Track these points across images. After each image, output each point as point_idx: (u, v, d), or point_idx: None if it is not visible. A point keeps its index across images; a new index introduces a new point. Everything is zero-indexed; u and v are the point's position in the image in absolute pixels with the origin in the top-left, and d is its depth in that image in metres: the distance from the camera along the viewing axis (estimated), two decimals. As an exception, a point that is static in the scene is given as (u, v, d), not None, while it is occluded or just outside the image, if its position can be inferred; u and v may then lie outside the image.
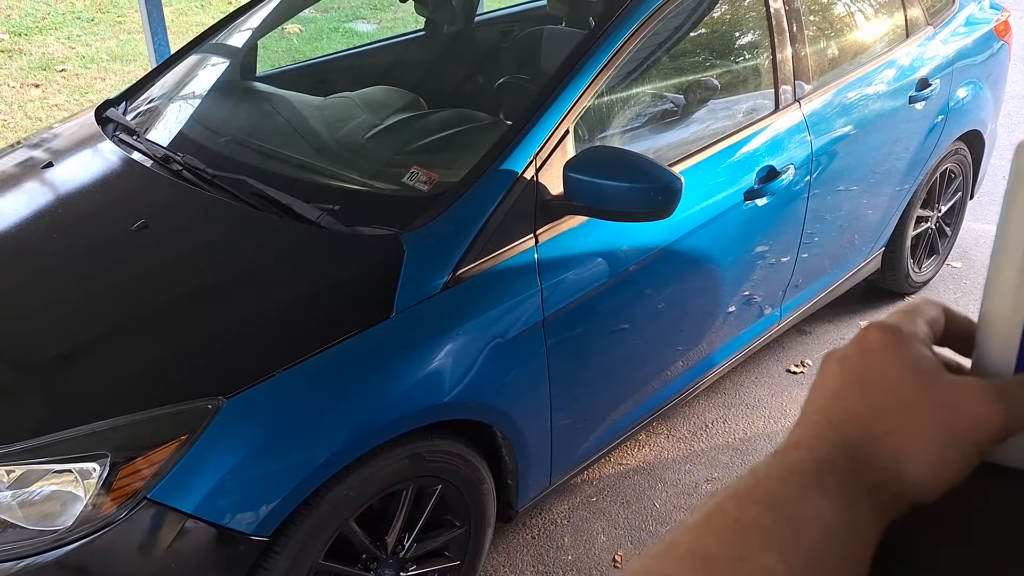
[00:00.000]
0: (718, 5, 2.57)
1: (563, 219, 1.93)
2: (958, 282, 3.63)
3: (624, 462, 2.63)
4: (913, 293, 3.49)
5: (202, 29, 2.92)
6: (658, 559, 0.35)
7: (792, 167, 2.45)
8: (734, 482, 0.38)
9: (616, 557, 2.31)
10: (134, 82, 2.76)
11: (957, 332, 0.47)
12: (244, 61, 2.81)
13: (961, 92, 3.18)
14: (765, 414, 2.84)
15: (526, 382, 1.92)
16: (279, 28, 3.10)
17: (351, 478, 1.65)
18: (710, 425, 2.79)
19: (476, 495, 1.95)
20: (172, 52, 3.16)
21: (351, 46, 3.47)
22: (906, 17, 3.01)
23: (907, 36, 3.01)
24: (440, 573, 2.00)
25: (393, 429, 1.69)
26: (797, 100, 2.53)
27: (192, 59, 2.75)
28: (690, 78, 2.46)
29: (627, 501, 2.48)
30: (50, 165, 2.30)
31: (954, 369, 0.44)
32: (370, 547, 1.80)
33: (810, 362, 3.11)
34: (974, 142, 3.43)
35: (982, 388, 0.40)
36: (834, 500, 0.36)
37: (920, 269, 3.49)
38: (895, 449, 0.39)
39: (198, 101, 2.64)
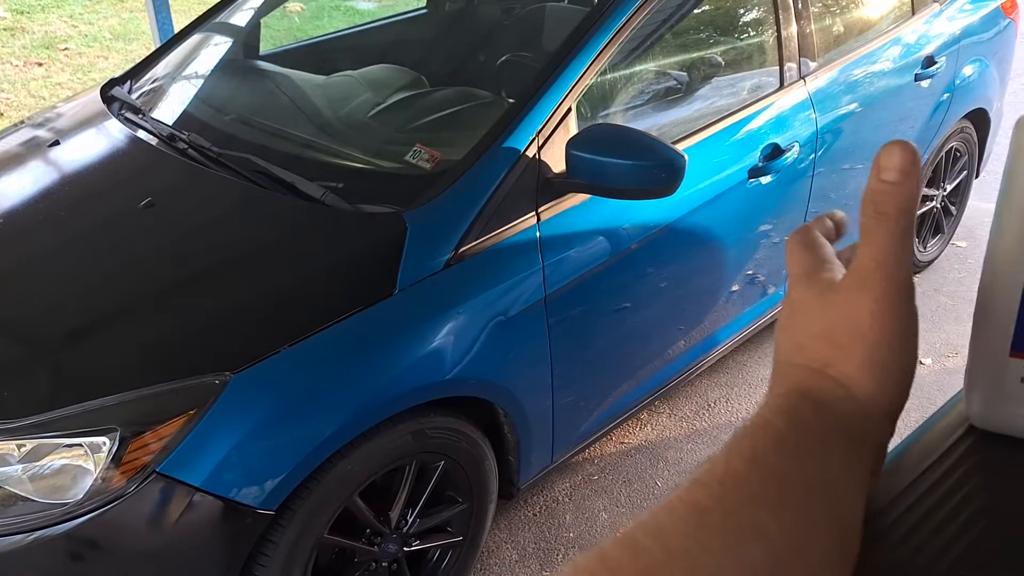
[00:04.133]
0: (723, -18, 2.55)
1: (565, 197, 1.93)
2: (963, 261, 3.62)
3: (626, 441, 2.64)
4: (918, 273, 3.49)
5: (205, 8, 2.91)
6: (654, 515, 0.36)
7: (797, 145, 2.45)
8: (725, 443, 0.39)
9: (618, 535, 2.33)
10: (138, 61, 2.76)
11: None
12: (247, 40, 2.80)
13: (967, 70, 3.16)
14: (767, 392, 2.85)
15: (528, 360, 1.94)
16: (281, 7, 3.09)
17: (355, 453, 1.67)
18: (712, 404, 2.80)
19: (478, 472, 1.97)
20: (175, 31, 3.15)
21: (353, 24, 3.46)
22: (912, -6, 2.99)
23: (913, 13, 2.98)
24: (443, 548, 2.03)
25: (396, 405, 1.71)
26: (802, 77, 2.52)
27: (196, 38, 2.75)
28: (694, 55, 2.45)
29: (629, 480, 2.50)
30: (56, 143, 2.31)
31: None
32: (374, 522, 1.82)
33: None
34: (980, 120, 3.41)
35: (850, 282, 0.41)
36: (811, 453, 0.37)
37: (925, 248, 3.48)
38: (837, 379, 0.40)
39: (202, 80, 2.64)
